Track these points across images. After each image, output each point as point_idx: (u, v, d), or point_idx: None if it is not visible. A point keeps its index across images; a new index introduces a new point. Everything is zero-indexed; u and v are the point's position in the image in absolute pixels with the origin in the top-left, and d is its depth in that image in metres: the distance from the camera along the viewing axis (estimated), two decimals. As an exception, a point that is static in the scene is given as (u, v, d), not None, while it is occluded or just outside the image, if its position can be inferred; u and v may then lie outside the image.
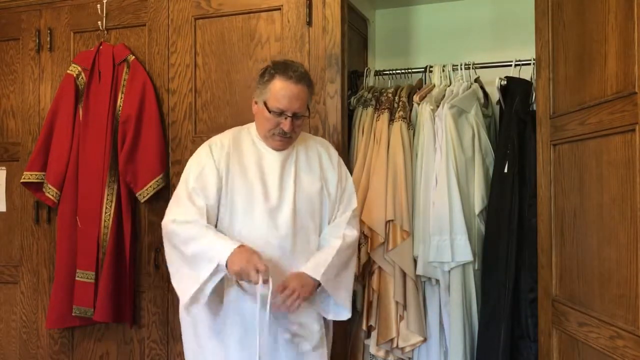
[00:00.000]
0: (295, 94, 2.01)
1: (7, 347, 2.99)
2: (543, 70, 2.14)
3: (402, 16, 3.11)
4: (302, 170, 2.13)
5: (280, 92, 2.01)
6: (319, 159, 2.18)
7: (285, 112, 2.01)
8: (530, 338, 2.34)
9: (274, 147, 2.10)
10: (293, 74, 2.02)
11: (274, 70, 2.05)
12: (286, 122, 2.02)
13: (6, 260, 3.01)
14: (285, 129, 2.03)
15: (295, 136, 2.10)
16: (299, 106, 2.02)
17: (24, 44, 2.99)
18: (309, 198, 2.10)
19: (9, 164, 3.01)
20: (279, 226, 2.03)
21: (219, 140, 2.15)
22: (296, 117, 2.03)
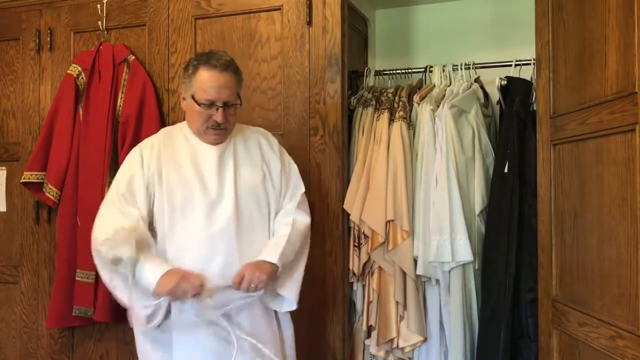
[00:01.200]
0: (223, 83, 1.97)
1: (8, 347, 2.99)
2: (543, 70, 2.14)
3: (402, 16, 3.11)
4: (242, 161, 2.09)
5: (207, 83, 1.96)
6: (259, 148, 2.14)
7: (215, 102, 1.97)
8: (531, 338, 2.34)
9: (210, 142, 2.06)
10: (217, 62, 1.97)
11: (197, 61, 2.00)
12: (218, 113, 1.98)
13: (6, 260, 3.01)
14: (219, 120, 1.99)
15: (230, 127, 2.06)
16: (229, 94, 1.98)
17: (24, 44, 2.99)
18: (252, 188, 2.07)
19: (9, 164, 3.01)
20: (220, 218, 1.99)
21: (149, 142, 2.12)
22: (227, 107, 1.99)
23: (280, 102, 2.57)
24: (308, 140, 2.52)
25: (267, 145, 2.16)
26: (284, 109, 2.56)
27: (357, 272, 2.56)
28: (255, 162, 2.11)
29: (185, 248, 1.99)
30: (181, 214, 2.01)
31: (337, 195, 2.51)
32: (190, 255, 1.98)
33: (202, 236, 1.98)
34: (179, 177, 2.03)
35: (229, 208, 2.01)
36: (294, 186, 2.17)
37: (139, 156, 2.08)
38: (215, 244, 1.99)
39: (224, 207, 2.01)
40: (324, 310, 2.50)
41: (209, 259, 1.98)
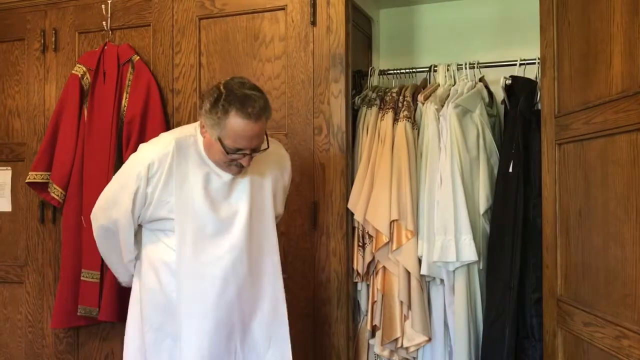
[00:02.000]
0: (256, 133, 1.84)
1: (13, 346, 3.00)
2: (548, 69, 2.13)
3: (406, 15, 3.11)
4: (254, 183, 2.03)
5: (239, 133, 1.81)
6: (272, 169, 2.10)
7: (243, 150, 1.87)
8: (535, 338, 2.33)
9: (229, 173, 1.97)
10: (252, 110, 1.79)
11: (228, 104, 1.80)
12: (245, 159, 1.89)
13: (12, 260, 3.02)
14: (244, 164, 1.90)
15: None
16: (259, 142, 1.88)
17: (29, 45, 3.00)
18: (262, 209, 2.05)
19: (14, 164, 3.03)
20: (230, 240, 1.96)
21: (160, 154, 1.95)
22: (254, 151, 1.90)
23: (285, 102, 2.57)
24: (312, 140, 2.52)
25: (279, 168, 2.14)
26: (288, 109, 2.56)
27: (362, 271, 2.56)
28: (266, 184, 2.07)
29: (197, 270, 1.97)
30: (192, 236, 1.96)
31: (341, 195, 2.51)
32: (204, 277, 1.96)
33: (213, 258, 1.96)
34: (191, 199, 1.95)
35: (240, 230, 1.98)
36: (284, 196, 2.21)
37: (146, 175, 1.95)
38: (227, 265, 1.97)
39: (235, 229, 1.98)
40: (328, 310, 2.50)
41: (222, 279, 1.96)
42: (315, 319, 2.47)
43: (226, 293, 1.97)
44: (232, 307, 1.98)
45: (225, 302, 1.96)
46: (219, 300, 1.96)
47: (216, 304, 1.95)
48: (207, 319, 1.95)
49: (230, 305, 1.98)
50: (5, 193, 3.04)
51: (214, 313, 1.95)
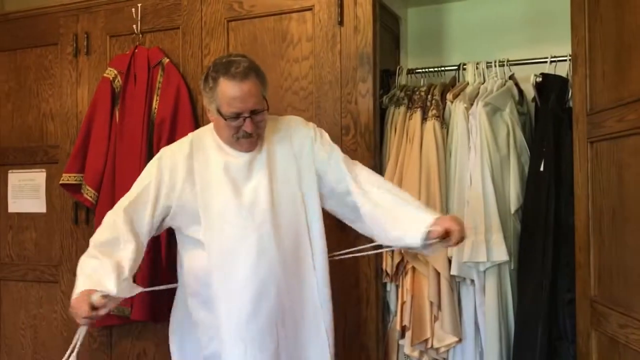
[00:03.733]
0: (247, 92, 1.88)
1: (49, 344, 3.07)
2: (579, 66, 2.10)
3: (434, 13, 3.08)
4: (275, 161, 2.03)
5: (230, 95, 1.88)
6: (290, 142, 2.07)
7: (241, 113, 1.90)
8: (569, 339, 2.30)
9: (243, 151, 2.00)
10: (236, 70, 1.87)
11: (215, 72, 1.91)
12: (247, 124, 1.91)
13: (47, 260, 3.09)
14: (248, 130, 1.92)
15: (261, 132, 2.00)
16: (254, 102, 1.90)
17: (62, 49, 3.06)
18: (286, 187, 2.02)
19: (49, 166, 3.09)
20: (256, 220, 1.96)
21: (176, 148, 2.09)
22: (255, 114, 1.92)
23: (312, 102, 2.58)
24: (340, 140, 2.52)
25: (299, 139, 2.09)
26: (316, 109, 2.57)
27: (391, 272, 2.55)
28: (288, 161, 2.05)
29: (225, 252, 1.98)
30: (217, 221, 1.99)
31: (370, 195, 2.50)
32: (232, 259, 1.97)
33: (240, 240, 1.96)
34: (213, 185, 2.00)
35: (265, 210, 1.98)
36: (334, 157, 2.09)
37: (157, 162, 2.07)
38: (254, 247, 1.96)
39: (260, 210, 1.98)
40: (357, 310, 2.50)
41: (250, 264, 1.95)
42: (344, 318, 2.47)
43: (258, 271, 1.94)
44: (266, 285, 1.95)
45: (259, 280, 1.95)
46: (253, 277, 1.94)
47: (250, 280, 1.94)
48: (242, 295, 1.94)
49: (264, 284, 1.95)
50: (40, 195, 3.11)
51: (248, 290, 1.94)
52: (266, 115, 2.00)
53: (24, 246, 3.15)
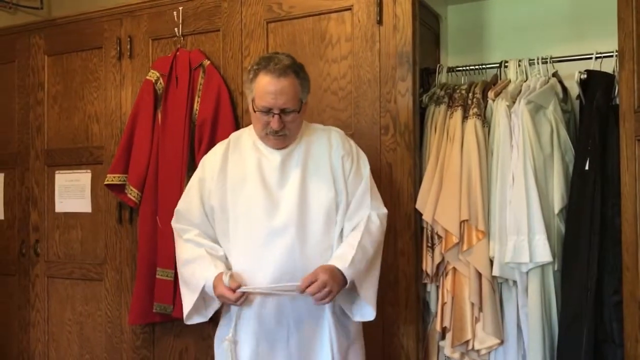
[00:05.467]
0: (280, 89, 1.90)
1: (95, 340, 3.15)
2: (627, 62, 2.04)
3: (475, 10, 3.04)
4: (307, 164, 2.04)
5: (264, 89, 1.91)
6: (329, 152, 2.06)
7: (271, 109, 1.93)
8: (616, 342, 2.24)
9: (271, 146, 2.04)
10: (274, 67, 1.91)
11: (257, 66, 1.96)
12: (274, 120, 1.93)
13: (92, 259, 3.17)
14: (274, 127, 1.94)
15: (291, 133, 2.01)
16: (285, 101, 1.92)
17: (106, 52, 3.14)
18: (317, 192, 2.01)
19: (94, 167, 3.17)
20: (279, 221, 1.96)
21: (217, 147, 2.17)
22: (285, 114, 1.93)
23: (351, 102, 2.57)
24: (379, 140, 2.51)
25: (337, 148, 2.08)
26: (355, 109, 2.56)
27: (431, 273, 2.52)
28: (322, 167, 2.05)
29: (247, 248, 2.01)
30: (243, 216, 2.02)
31: (409, 195, 2.49)
32: (250, 256, 1.99)
33: (262, 238, 1.98)
34: (243, 181, 2.04)
35: (290, 214, 1.98)
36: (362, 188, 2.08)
37: (201, 166, 2.17)
38: (275, 244, 1.97)
39: (285, 213, 1.98)
40: (397, 311, 2.49)
41: (268, 260, 1.96)
42: (383, 319, 2.46)
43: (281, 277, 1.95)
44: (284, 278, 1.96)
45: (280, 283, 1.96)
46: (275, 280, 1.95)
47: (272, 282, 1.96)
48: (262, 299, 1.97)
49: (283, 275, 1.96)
50: (85, 195, 3.19)
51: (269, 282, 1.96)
52: (298, 117, 2.01)
53: (70, 245, 3.24)
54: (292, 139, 2.04)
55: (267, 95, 1.92)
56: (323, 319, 2.02)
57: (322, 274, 1.87)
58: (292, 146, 2.06)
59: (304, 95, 2.01)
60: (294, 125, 1.99)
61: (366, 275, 1.99)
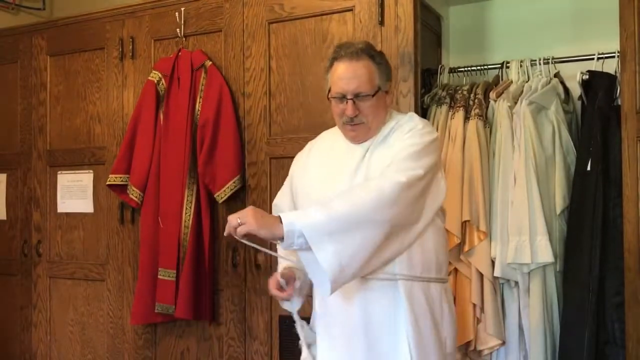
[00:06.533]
0: (351, 73, 1.81)
1: (97, 340, 3.15)
2: (628, 62, 2.05)
3: (476, 11, 3.04)
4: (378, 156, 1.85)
5: (337, 75, 1.84)
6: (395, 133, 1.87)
7: (344, 95, 1.82)
8: (618, 344, 2.23)
9: (350, 139, 1.90)
10: (346, 51, 1.83)
11: (332, 55, 1.89)
12: (347, 106, 1.81)
13: (94, 259, 3.17)
14: (348, 114, 1.81)
15: (369, 122, 1.85)
16: (358, 85, 1.80)
17: (109, 53, 3.14)
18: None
19: (96, 167, 3.17)
20: None
21: (309, 143, 2.08)
22: (358, 98, 1.81)
23: (353, 103, 2.57)
24: (381, 140, 2.51)
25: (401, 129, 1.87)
26: (357, 110, 2.56)
27: (432, 273, 2.52)
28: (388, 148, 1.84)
29: None
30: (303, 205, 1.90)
31: (411, 196, 2.49)
32: None
33: None
34: (317, 177, 1.92)
35: None
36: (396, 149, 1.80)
37: (294, 161, 2.08)
38: None
39: None
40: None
41: None
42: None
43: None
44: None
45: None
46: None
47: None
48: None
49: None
50: (87, 195, 3.19)
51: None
52: (375, 104, 1.85)
53: (72, 245, 3.24)
54: (371, 130, 1.87)
55: (340, 81, 1.83)
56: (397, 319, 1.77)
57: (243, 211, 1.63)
58: (372, 140, 1.88)
59: (383, 82, 1.87)
60: (370, 112, 1.84)
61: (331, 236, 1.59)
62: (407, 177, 1.70)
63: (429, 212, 1.80)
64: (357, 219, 1.63)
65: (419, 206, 1.76)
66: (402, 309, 1.76)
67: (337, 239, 1.59)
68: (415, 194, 1.73)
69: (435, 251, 1.85)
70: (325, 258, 1.58)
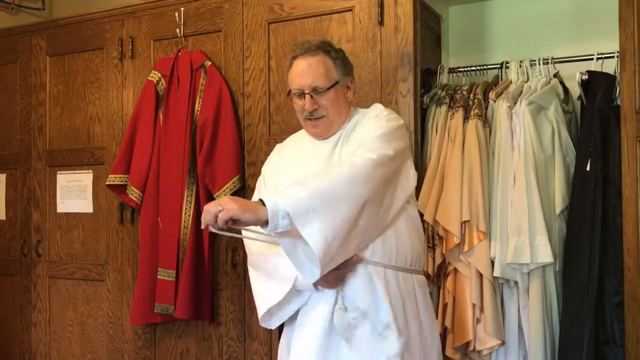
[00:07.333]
0: (305, 68, 1.85)
1: (96, 341, 3.15)
2: (628, 63, 2.05)
3: (476, 11, 3.05)
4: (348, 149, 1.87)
5: (294, 71, 1.88)
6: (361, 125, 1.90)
7: (302, 90, 1.86)
8: (617, 344, 2.24)
9: (313, 136, 1.94)
10: (302, 49, 1.88)
11: (291, 54, 1.93)
12: (306, 100, 1.85)
13: (93, 259, 3.17)
14: (307, 108, 1.85)
15: (329, 116, 1.88)
16: (314, 79, 1.84)
17: (108, 53, 3.14)
18: None
19: (95, 168, 3.17)
20: None
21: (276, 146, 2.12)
22: (316, 92, 1.85)
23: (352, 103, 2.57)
24: (381, 141, 2.51)
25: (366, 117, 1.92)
26: (356, 110, 2.56)
27: (432, 273, 2.53)
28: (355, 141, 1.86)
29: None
30: None
31: (411, 196, 2.49)
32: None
33: None
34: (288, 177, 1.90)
35: None
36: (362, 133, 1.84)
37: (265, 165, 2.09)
38: None
39: None
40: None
41: None
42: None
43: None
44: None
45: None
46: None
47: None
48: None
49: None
50: (87, 195, 3.19)
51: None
52: (334, 97, 1.88)
53: (72, 245, 3.24)
54: (334, 125, 1.91)
55: (296, 77, 1.88)
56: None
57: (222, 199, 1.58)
58: (337, 135, 1.92)
59: (341, 76, 1.90)
60: (330, 106, 1.87)
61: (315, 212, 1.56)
62: (378, 155, 1.71)
63: (401, 197, 1.81)
64: (334, 195, 1.61)
65: (390, 189, 1.77)
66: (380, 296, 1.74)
67: (320, 214, 1.56)
68: (386, 173, 1.73)
69: (410, 240, 1.84)
70: (311, 234, 1.55)
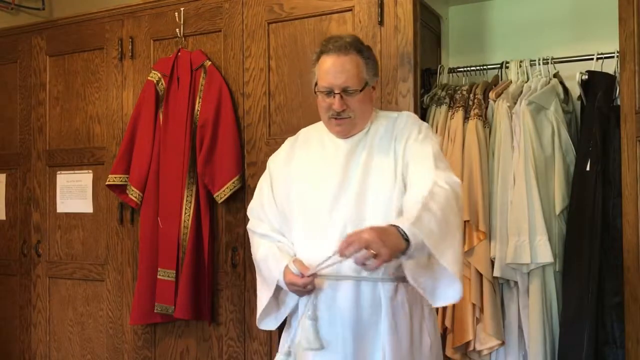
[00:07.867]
0: (339, 67, 1.81)
1: (96, 341, 3.15)
2: (628, 63, 2.05)
3: (476, 11, 3.05)
4: (373, 157, 1.86)
5: (324, 69, 1.84)
6: (393, 137, 1.87)
7: (332, 89, 1.83)
8: (617, 344, 2.24)
9: (336, 134, 1.91)
10: (334, 45, 1.83)
11: (319, 49, 1.89)
12: (335, 101, 1.82)
13: (93, 259, 3.17)
14: (335, 108, 1.82)
15: (356, 117, 1.86)
16: (346, 79, 1.81)
17: (108, 53, 3.14)
18: (377, 189, 1.82)
19: (95, 168, 3.17)
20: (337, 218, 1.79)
21: (285, 143, 2.09)
22: (346, 93, 1.82)
23: (353, 103, 2.57)
24: (381, 141, 2.51)
25: (402, 130, 1.88)
26: (356, 110, 2.56)
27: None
28: (385, 158, 1.85)
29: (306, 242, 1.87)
30: (303, 211, 1.88)
31: (411, 196, 2.49)
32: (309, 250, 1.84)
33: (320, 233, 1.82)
34: (306, 174, 1.91)
35: (348, 209, 1.81)
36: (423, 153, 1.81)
37: (270, 161, 2.07)
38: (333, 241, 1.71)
39: (343, 206, 1.81)
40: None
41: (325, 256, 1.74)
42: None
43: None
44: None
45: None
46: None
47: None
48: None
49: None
50: (86, 195, 3.19)
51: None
52: (362, 99, 1.87)
53: (71, 245, 3.24)
54: (357, 126, 1.90)
55: (327, 75, 1.83)
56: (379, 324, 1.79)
57: (366, 232, 1.53)
58: (359, 136, 1.91)
59: (370, 77, 1.88)
60: (358, 107, 1.86)
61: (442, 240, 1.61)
62: (458, 183, 1.79)
63: None
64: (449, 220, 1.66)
65: None
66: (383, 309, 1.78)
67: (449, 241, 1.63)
68: None
69: None
70: (449, 262, 1.61)
